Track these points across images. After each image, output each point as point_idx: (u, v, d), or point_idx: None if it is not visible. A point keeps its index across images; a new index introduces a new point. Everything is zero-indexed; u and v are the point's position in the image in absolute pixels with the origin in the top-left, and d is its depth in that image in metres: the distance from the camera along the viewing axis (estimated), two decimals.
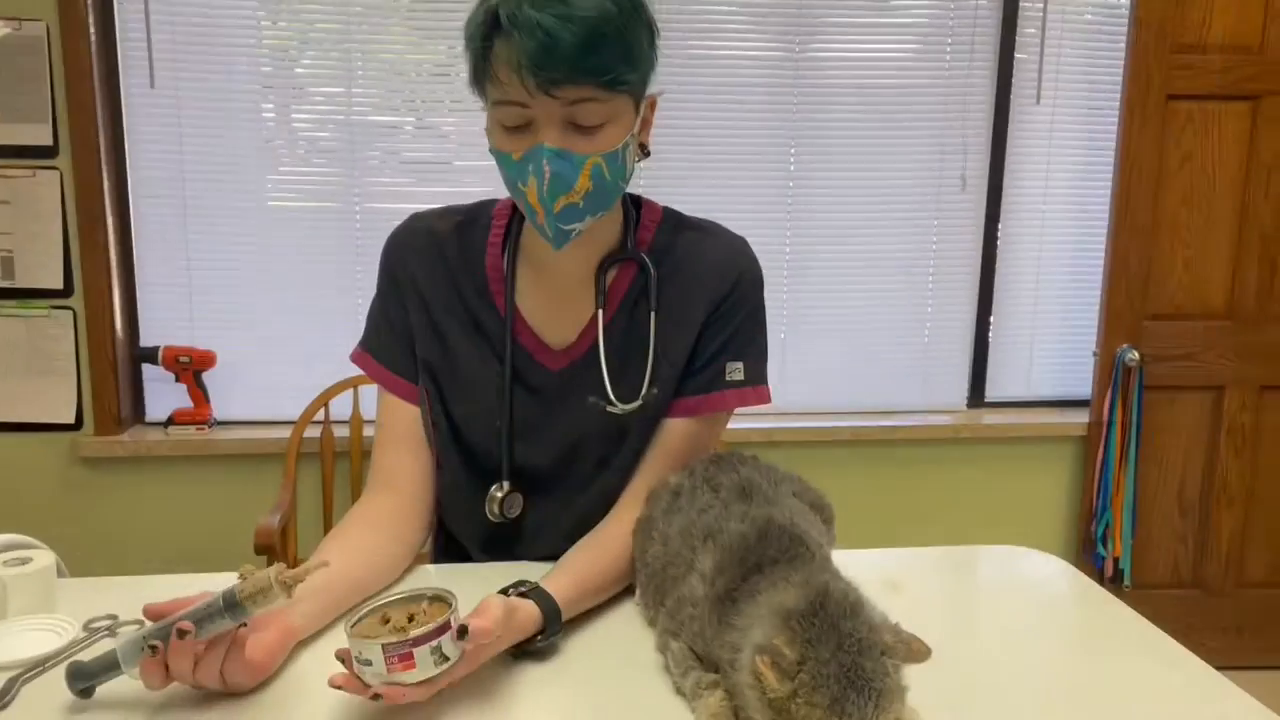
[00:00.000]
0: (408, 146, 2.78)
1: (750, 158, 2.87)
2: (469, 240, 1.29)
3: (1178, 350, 2.92)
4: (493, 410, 1.25)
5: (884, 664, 0.81)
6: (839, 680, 0.80)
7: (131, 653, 0.90)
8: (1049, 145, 2.98)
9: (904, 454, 3.01)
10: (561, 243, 1.15)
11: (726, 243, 1.28)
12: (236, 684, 0.93)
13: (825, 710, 0.79)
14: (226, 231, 2.77)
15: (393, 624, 0.91)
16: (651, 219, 1.28)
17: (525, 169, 1.09)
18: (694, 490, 1.09)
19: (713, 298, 1.24)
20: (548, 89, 1.04)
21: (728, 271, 1.24)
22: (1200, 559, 3.03)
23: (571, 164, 1.09)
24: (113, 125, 2.68)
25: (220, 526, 2.83)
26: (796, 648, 0.81)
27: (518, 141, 1.10)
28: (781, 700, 0.81)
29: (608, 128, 1.10)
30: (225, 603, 0.88)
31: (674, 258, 1.25)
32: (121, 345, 2.75)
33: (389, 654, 0.86)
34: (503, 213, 1.29)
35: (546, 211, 1.11)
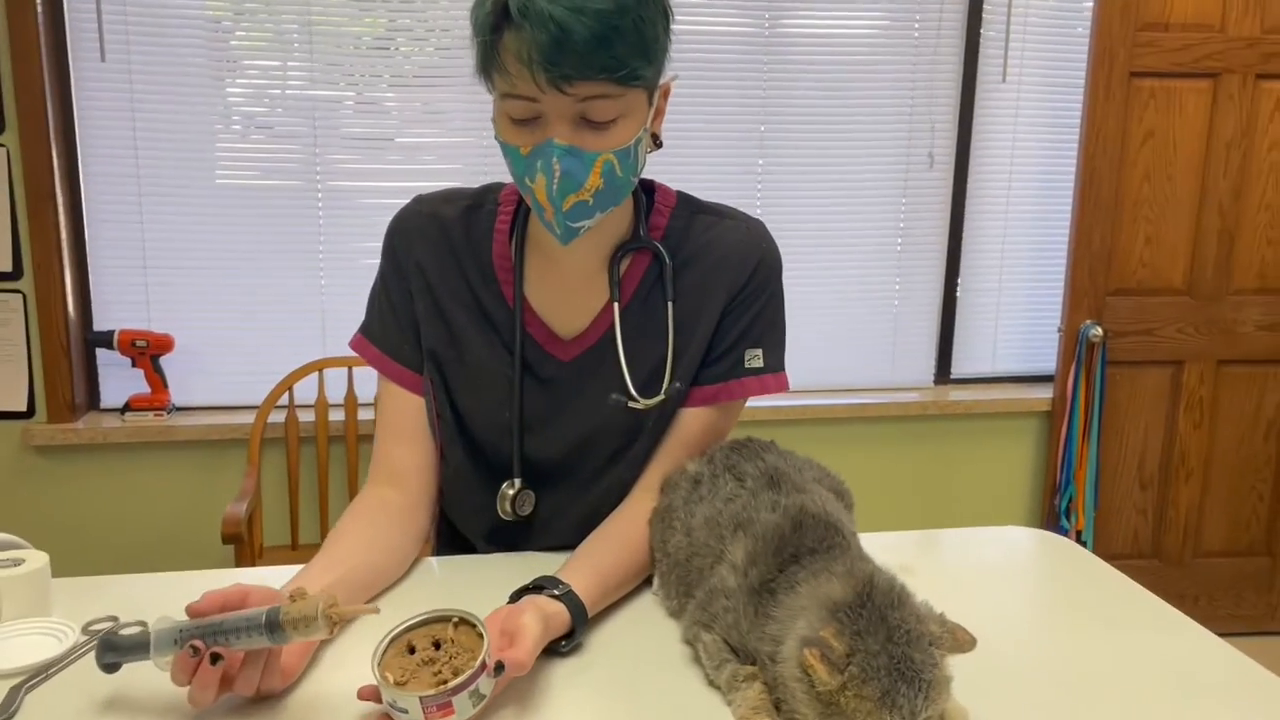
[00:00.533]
0: (352, 122, 2.71)
1: (719, 135, 2.84)
2: (475, 226, 1.23)
3: (1139, 326, 2.97)
4: (501, 402, 1.21)
5: (932, 654, 0.80)
6: (889, 672, 0.79)
7: (163, 642, 0.87)
8: (1015, 123, 3.00)
9: (872, 431, 3.03)
10: (569, 239, 1.11)
11: (745, 227, 1.24)
12: (269, 690, 0.90)
13: (876, 703, 0.78)
14: (182, 211, 2.68)
15: (420, 654, 0.88)
16: (665, 204, 1.24)
17: (534, 164, 1.05)
18: (715, 478, 1.07)
19: (732, 284, 1.20)
20: (559, 85, 0.99)
21: (748, 256, 1.21)
22: (1159, 530, 3.10)
23: (582, 162, 1.04)
24: (62, 101, 2.57)
25: (181, 515, 2.76)
26: (845, 640, 0.80)
27: (526, 135, 1.05)
28: (830, 693, 0.80)
29: (620, 123, 1.05)
30: (268, 623, 0.84)
31: (690, 244, 1.22)
32: (75, 329, 2.66)
33: (427, 705, 0.84)
34: (509, 198, 1.24)
35: (555, 209, 1.06)
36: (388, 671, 0.87)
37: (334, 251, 2.76)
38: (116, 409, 2.73)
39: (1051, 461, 3.04)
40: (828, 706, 0.81)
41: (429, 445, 1.26)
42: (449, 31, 2.69)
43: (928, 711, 0.79)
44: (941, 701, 0.80)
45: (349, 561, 1.07)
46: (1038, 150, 3.03)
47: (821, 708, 0.81)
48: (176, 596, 1.13)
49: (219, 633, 0.85)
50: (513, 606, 0.98)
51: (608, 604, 1.11)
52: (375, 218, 2.75)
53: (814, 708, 0.82)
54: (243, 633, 0.85)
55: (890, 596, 0.83)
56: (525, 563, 1.23)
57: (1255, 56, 2.83)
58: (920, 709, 0.78)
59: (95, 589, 1.14)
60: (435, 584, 1.20)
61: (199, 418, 2.73)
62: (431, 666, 0.87)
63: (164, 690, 0.93)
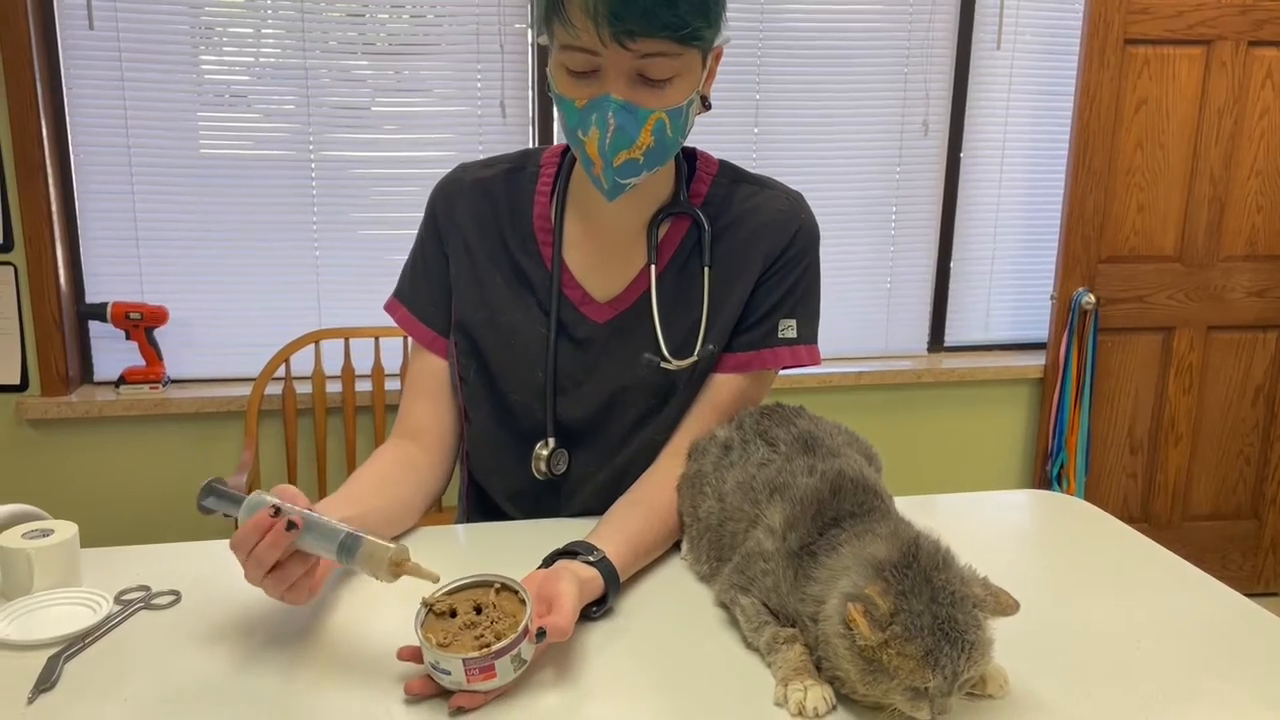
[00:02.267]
0: (342, 93, 2.68)
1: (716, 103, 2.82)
2: (516, 188, 1.25)
3: (1130, 293, 2.99)
4: (534, 362, 1.22)
5: (975, 616, 0.81)
6: (932, 632, 0.80)
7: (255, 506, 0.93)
8: (1009, 91, 3.00)
9: (868, 399, 3.05)
10: (616, 195, 1.13)
11: (785, 196, 1.25)
12: (293, 599, 0.95)
13: (918, 661, 0.79)
14: (174, 182, 2.65)
15: (461, 618, 0.89)
16: (707, 171, 1.25)
17: (588, 118, 1.06)
18: (746, 444, 1.08)
19: (770, 252, 1.21)
20: (621, 40, 1.01)
21: (787, 225, 1.22)
22: (1149, 494, 3.15)
23: (636, 118, 1.06)
24: (49, 70, 2.53)
25: (177, 488, 2.74)
26: (890, 599, 0.81)
27: (582, 88, 1.06)
28: (872, 650, 0.81)
29: (676, 82, 1.07)
30: (344, 542, 0.90)
31: (730, 212, 1.23)
32: (67, 302, 2.63)
33: (470, 666, 0.85)
34: (551, 160, 1.26)
35: (605, 164, 1.08)
36: (430, 634, 0.88)
37: (328, 222, 2.73)
38: (110, 382, 2.70)
39: (1044, 427, 3.07)
40: (870, 664, 0.82)
41: (452, 407, 1.29)
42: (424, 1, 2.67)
43: (969, 672, 0.80)
44: (983, 663, 0.82)
45: (365, 503, 1.10)
46: (1031, 118, 3.04)
47: (864, 664, 0.82)
48: (204, 566, 1.14)
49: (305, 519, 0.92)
50: (548, 572, 0.99)
51: (638, 569, 1.12)
52: (370, 188, 2.73)
53: (856, 664, 0.83)
54: (319, 535, 0.91)
55: (935, 558, 0.84)
56: (553, 529, 1.23)
57: (1247, 23, 2.84)
58: (962, 669, 0.80)
59: (121, 559, 1.14)
60: (464, 551, 1.21)
61: (194, 390, 2.71)
62: (473, 630, 0.88)
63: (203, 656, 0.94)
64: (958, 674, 0.79)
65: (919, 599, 0.81)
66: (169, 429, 2.70)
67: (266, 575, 0.92)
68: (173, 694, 0.89)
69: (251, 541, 0.90)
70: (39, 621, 0.98)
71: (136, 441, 2.70)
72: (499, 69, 2.71)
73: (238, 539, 0.91)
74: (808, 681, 0.86)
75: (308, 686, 0.90)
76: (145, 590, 1.06)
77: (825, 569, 0.89)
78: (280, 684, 0.91)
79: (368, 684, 0.91)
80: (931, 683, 0.79)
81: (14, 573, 1.03)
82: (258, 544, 0.90)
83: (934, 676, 0.79)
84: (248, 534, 0.90)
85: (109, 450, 2.69)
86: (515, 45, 2.70)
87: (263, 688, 0.90)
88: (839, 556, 0.88)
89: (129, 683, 0.90)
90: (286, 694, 0.89)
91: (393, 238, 2.76)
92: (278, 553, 0.90)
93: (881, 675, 0.82)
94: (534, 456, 1.24)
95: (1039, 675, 0.93)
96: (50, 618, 0.99)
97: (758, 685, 0.91)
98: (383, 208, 2.75)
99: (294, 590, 0.94)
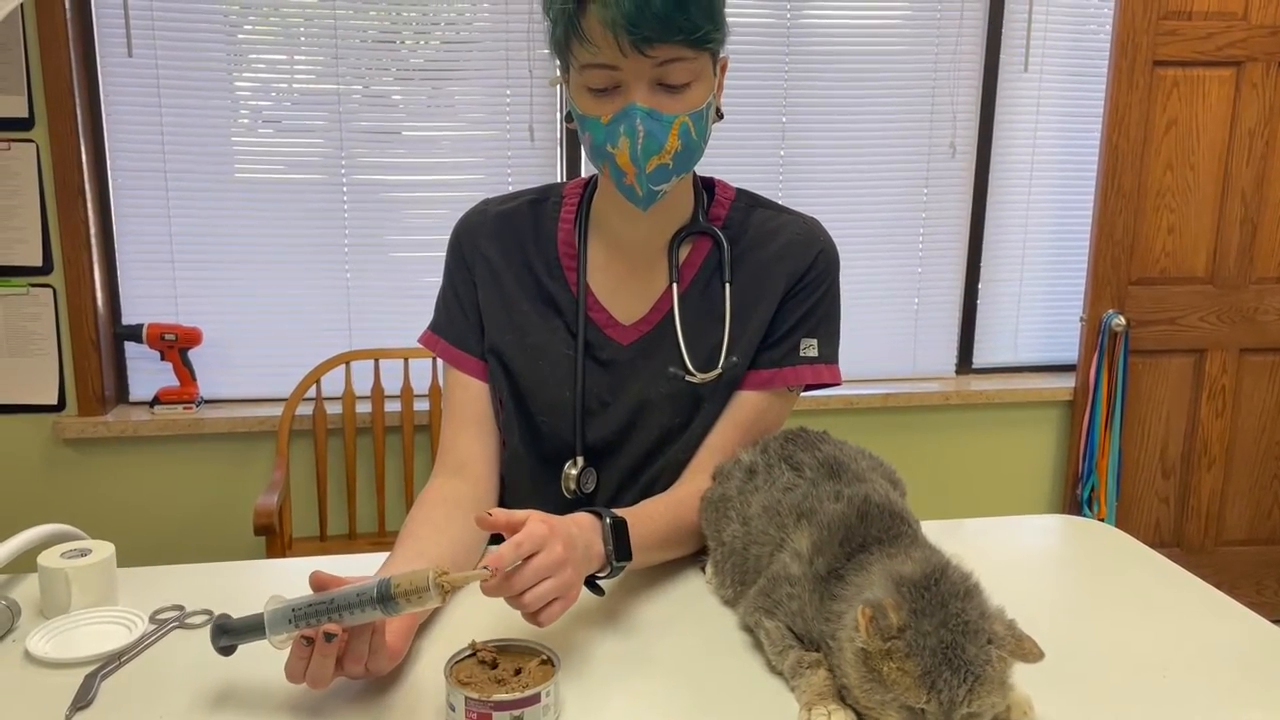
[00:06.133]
0: (372, 116, 2.72)
1: (741, 126, 2.85)
2: (540, 216, 1.29)
3: (1161, 315, 2.97)
4: (562, 384, 1.24)
5: (988, 652, 0.80)
6: (934, 654, 0.79)
7: (278, 623, 0.88)
8: (1037, 112, 3.00)
9: (895, 421, 3.04)
10: (650, 203, 1.15)
11: (804, 220, 1.29)
12: (377, 669, 0.92)
13: (915, 680, 0.79)
14: (209, 205, 2.69)
15: (497, 672, 0.90)
16: (725, 196, 1.29)
17: (616, 131, 1.10)
18: (770, 468, 1.08)
19: (793, 273, 1.24)
20: (641, 48, 1.05)
21: (809, 246, 1.25)
22: (1181, 519, 3.11)
23: (662, 124, 1.10)
24: (90, 96, 2.59)
25: (210, 507, 2.78)
26: (901, 615, 0.81)
27: (605, 104, 1.10)
28: (875, 658, 0.81)
29: (694, 86, 1.11)
30: (379, 594, 0.86)
31: (749, 235, 1.26)
32: (104, 323, 2.67)
33: (470, 708, 0.85)
34: (574, 191, 1.30)
35: (639, 171, 1.11)
36: (461, 670, 0.89)
37: (359, 245, 2.77)
38: (145, 402, 2.75)
39: (1073, 451, 3.05)
40: (870, 671, 0.82)
41: (494, 434, 1.29)
42: (454, 25, 2.70)
43: (971, 706, 0.79)
44: (989, 699, 0.80)
45: (428, 553, 1.08)
46: (1059, 140, 3.03)
47: (865, 671, 0.82)
48: (237, 586, 1.16)
49: (331, 609, 0.86)
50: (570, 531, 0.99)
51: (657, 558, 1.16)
52: (401, 210, 2.77)
53: (857, 669, 0.83)
54: (355, 607, 0.86)
55: (959, 587, 0.84)
56: None
57: (1278, 44, 2.83)
58: (960, 699, 0.79)
59: (157, 579, 1.16)
60: None
61: (227, 410, 2.75)
62: (502, 686, 0.88)
63: (237, 674, 0.96)
64: (955, 702, 0.79)
65: (929, 620, 0.81)
66: (203, 448, 2.74)
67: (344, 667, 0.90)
68: (207, 711, 0.90)
69: (302, 670, 0.88)
70: (76, 640, 1.00)
71: (171, 461, 2.73)
72: (528, 93, 2.74)
73: (290, 674, 0.89)
74: (831, 706, 0.87)
75: (347, 701, 0.92)
76: (179, 610, 1.08)
77: (852, 587, 0.89)
78: (316, 702, 0.92)
79: (407, 700, 0.92)
80: (927, 705, 0.79)
81: (53, 592, 1.05)
82: (308, 669, 0.88)
83: (929, 699, 0.79)
84: (295, 667, 0.88)
85: (144, 469, 2.73)
86: (544, 70, 2.73)
87: (299, 706, 0.91)
88: (867, 575, 0.88)
89: (163, 701, 0.92)
90: (325, 709, 0.91)
91: (422, 259, 2.79)
92: (331, 661, 0.88)
93: (879, 686, 0.82)
94: (564, 476, 1.26)
95: (1065, 703, 0.92)
96: (87, 636, 1.01)
97: (781, 709, 0.91)
98: (413, 230, 2.79)
99: (375, 660, 0.91)
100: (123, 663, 0.97)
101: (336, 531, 2.80)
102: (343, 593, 0.87)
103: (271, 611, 0.89)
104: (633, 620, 1.09)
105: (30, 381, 2.64)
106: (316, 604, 0.87)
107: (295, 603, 0.89)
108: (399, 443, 2.77)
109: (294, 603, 0.89)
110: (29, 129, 2.51)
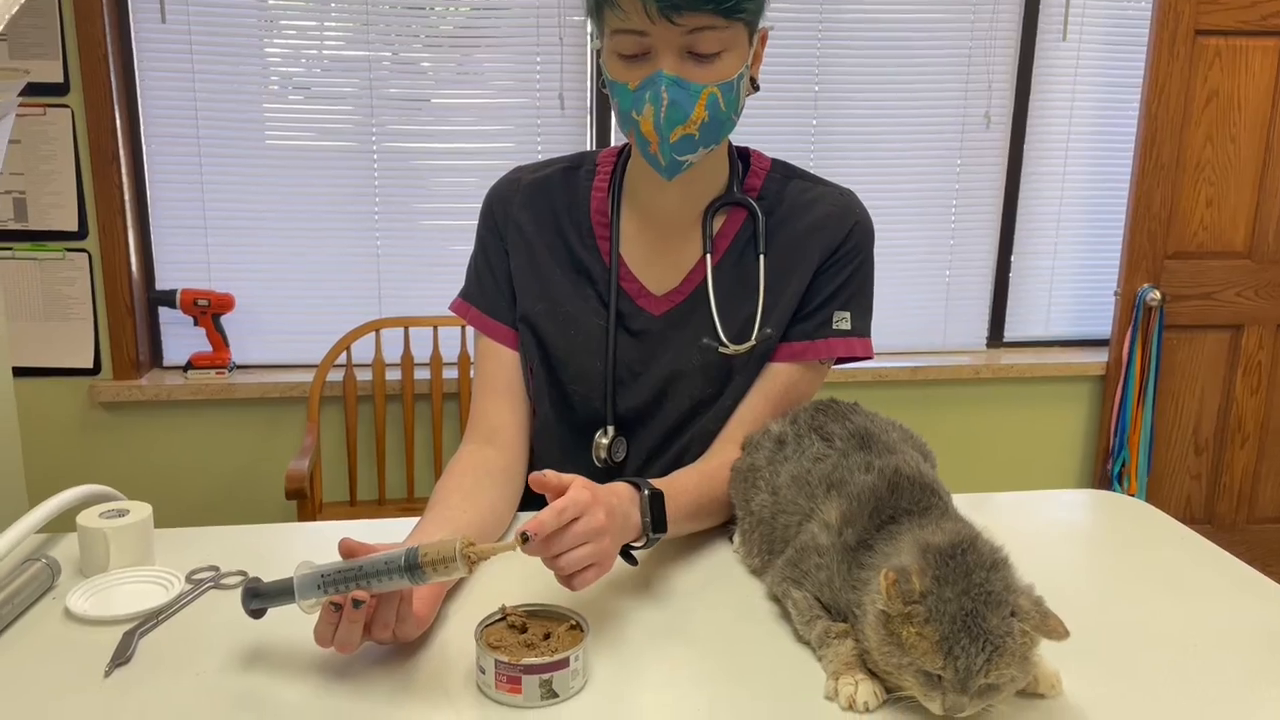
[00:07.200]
0: (403, 84, 2.72)
1: (773, 95, 2.83)
2: (573, 185, 1.28)
3: (1197, 289, 2.93)
4: (593, 352, 1.24)
5: (1010, 624, 0.80)
6: (954, 622, 0.79)
7: (308, 588, 0.89)
8: (1074, 82, 2.95)
9: (925, 395, 3.02)
10: (674, 173, 1.15)
11: (840, 192, 1.28)
12: (404, 636, 0.93)
13: (933, 645, 0.79)
14: (241, 171, 2.71)
15: (527, 636, 0.91)
16: (761, 166, 1.28)
17: (642, 97, 1.09)
18: (800, 438, 1.08)
19: (827, 245, 1.23)
20: (669, 15, 1.04)
21: (844, 218, 1.24)
22: (1213, 496, 3.09)
23: (689, 93, 1.08)
24: (123, 62, 2.60)
25: (242, 471, 2.81)
26: (924, 580, 0.81)
27: (634, 70, 1.10)
28: (895, 622, 0.82)
29: (724, 57, 1.09)
30: (406, 563, 0.86)
31: (785, 206, 1.25)
32: (138, 288, 2.70)
33: (500, 671, 0.86)
34: (607, 159, 1.30)
35: (661, 140, 1.10)
36: (490, 635, 0.91)
37: (389, 213, 2.78)
38: (179, 367, 2.78)
39: (1105, 426, 3.02)
40: (891, 636, 0.82)
41: (524, 402, 1.29)
42: None
43: (988, 677, 0.79)
44: (1008, 673, 0.80)
45: (457, 520, 1.09)
46: (1097, 110, 2.98)
47: (884, 633, 0.83)
48: (270, 548, 1.17)
49: (359, 576, 0.87)
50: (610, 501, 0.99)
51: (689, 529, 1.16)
52: (431, 179, 2.77)
53: (877, 631, 0.83)
54: (382, 574, 0.87)
55: (986, 559, 0.83)
56: None
57: None
58: (977, 668, 0.79)
59: (193, 540, 1.18)
60: None
61: (259, 376, 2.78)
62: (532, 650, 0.89)
63: (271, 633, 0.97)
64: (972, 671, 0.79)
65: (951, 588, 0.81)
66: (235, 413, 2.77)
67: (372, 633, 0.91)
68: (242, 669, 0.92)
69: (330, 634, 0.89)
70: (115, 598, 1.02)
71: (204, 425, 2.77)
72: (558, 61, 2.73)
73: (318, 639, 0.89)
74: (859, 676, 0.87)
75: (375, 663, 0.93)
76: (215, 570, 1.10)
77: (880, 555, 0.89)
78: (346, 662, 0.93)
79: (436, 662, 0.93)
80: (943, 672, 0.79)
81: (92, 551, 1.07)
82: (336, 633, 0.89)
83: (946, 666, 0.79)
84: (324, 632, 0.89)
85: (177, 433, 2.76)
86: (574, 38, 2.72)
87: (329, 665, 0.93)
88: (896, 545, 0.88)
89: (200, 658, 0.93)
90: (354, 666, 0.92)
91: (452, 228, 2.80)
92: (359, 627, 0.88)
93: (897, 649, 0.82)
94: (594, 445, 1.26)
95: (1094, 678, 0.92)
96: (125, 595, 1.03)
97: (808, 679, 0.92)
98: (443, 198, 2.79)
99: (402, 627, 0.92)
100: (160, 621, 0.99)
101: (366, 497, 2.83)
102: (371, 560, 0.88)
103: (301, 577, 0.90)
104: (660, 588, 1.09)
105: (66, 345, 2.67)
106: (345, 570, 0.88)
107: (324, 569, 0.89)
108: (428, 410, 2.79)
109: (323, 569, 0.90)
110: (64, 94, 2.53)
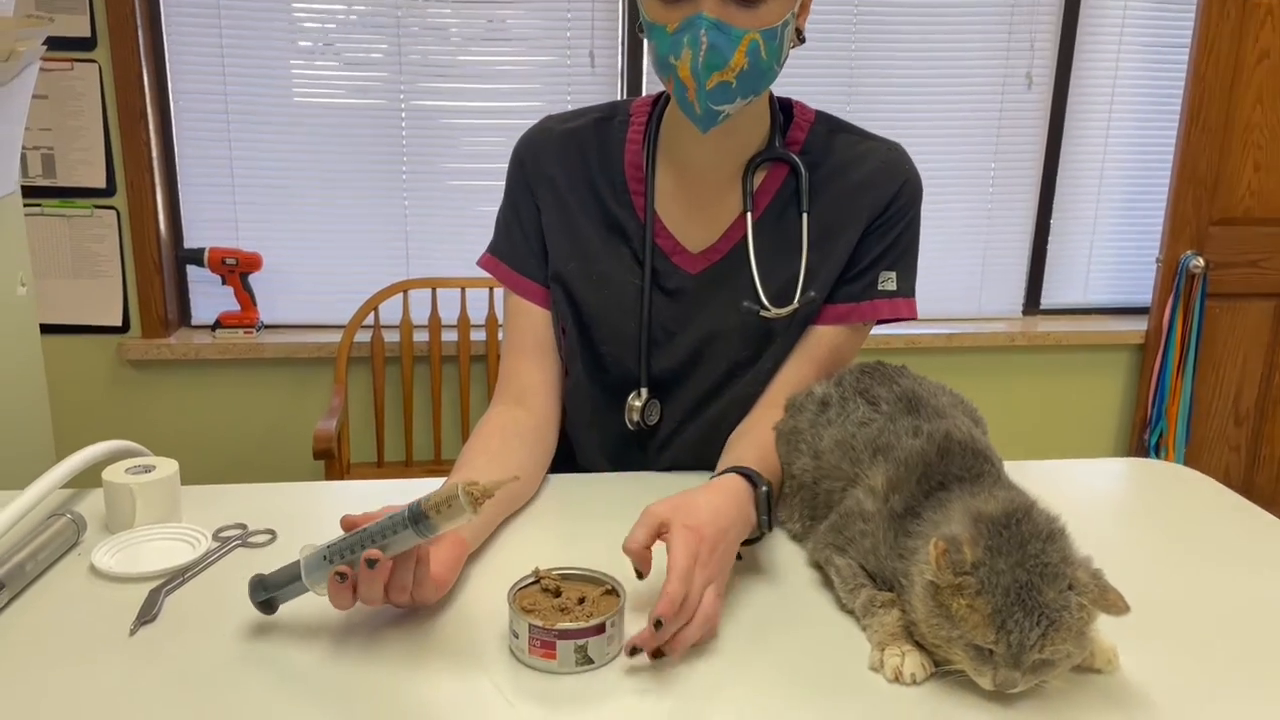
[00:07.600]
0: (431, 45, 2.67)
1: (809, 53, 2.76)
2: (606, 137, 1.23)
3: (1242, 257, 2.86)
4: (627, 312, 1.20)
5: (1067, 598, 0.77)
6: (1007, 594, 0.76)
7: (314, 567, 0.86)
8: (1120, 42, 2.87)
9: (959, 362, 2.97)
10: (709, 124, 1.09)
11: (888, 147, 1.22)
12: (423, 599, 0.90)
13: (985, 618, 0.76)
14: (269, 130, 2.68)
15: (561, 600, 0.88)
16: (804, 119, 1.22)
17: (680, 40, 1.04)
18: (845, 401, 1.04)
19: (875, 205, 1.18)
20: None
21: (894, 176, 1.19)
22: (1252, 468, 3.03)
23: (729, 38, 1.03)
24: (151, 17, 2.57)
25: (269, 429, 2.81)
26: (977, 550, 0.78)
27: (673, 11, 1.04)
28: (944, 593, 0.78)
29: (769, 3, 1.04)
30: (411, 516, 0.83)
31: (830, 161, 1.19)
32: (166, 246, 2.69)
33: (534, 635, 0.83)
34: (641, 109, 1.23)
35: (698, 86, 1.05)
36: (523, 598, 0.88)
37: (417, 172, 2.74)
38: (207, 326, 2.77)
39: (1143, 395, 2.96)
40: (940, 607, 0.79)
41: (555, 362, 1.25)
42: None
43: (1043, 653, 0.76)
44: (1064, 648, 0.77)
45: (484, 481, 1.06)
46: (1143, 71, 2.90)
47: (933, 605, 0.80)
48: (299, 506, 1.15)
49: (365, 540, 0.84)
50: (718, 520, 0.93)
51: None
52: (459, 138, 2.73)
53: (925, 603, 0.80)
54: (388, 532, 0.84)
55: (1042, 529, 0.80)
56: (645, 484, 1.22)
57: None
58: (1031, 642, 0.75)
59: (219, 497, 1.16)
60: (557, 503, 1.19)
61: (287, 336, 2.76)
62: (566, 615, 0.86)
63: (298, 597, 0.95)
64: (1025, 645, 0.75)
65: (1005, 559, 0.77)
66: (262, 372, 2.76)
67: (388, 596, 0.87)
68: (268, 629, 0.90)
69: (345, 600, 0.86)
70: (141, 555, 1.00)
71: (231, 384, 2.76)
72: (589, 19, 2.68)
73: (335, 604, 0.86)
74: (905, 647, 0.84)
75: (405, 625, 0.91)
76: (242, 528, 1.08)
77: (929, 523, 0.85)
78: (378, 623, 0.91)
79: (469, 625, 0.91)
80: (995, 645, 0.76)
81: (118, 507, 1.05)
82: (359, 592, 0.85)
83: (998, 640, 0.76)
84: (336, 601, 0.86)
85: (205, 391, 2.76)
86: None
87: (359, 625, 0.90)
88: (946, 513, 0.85)
89: (227, 616, 0.91)
90: (382, 629, 0.90)
91: (480, 188, 2.76)
92: (379, 587, 0.85)
93: (946, 622, 0.79)
94: (627, 407, 1.22)
95: (1151, 652, 0.89)
96: (151, 551, 1.01)
97: (852, 649, 0.89)
98: (471, 158, 2.75)
99: (420, 590, 0.88)
100: (186, 579, 0.97)
101: (393, 458, 2.82)
102: (375, 524, 0.85)
103: (307, 558, 0.87)
104: None
105: (95, 303, 2.66)
106: (350, 539, 0.85)
107: (329, 545, 0.86)
108: (455, 372, 2.76)
109: (328, 545, 0.87)
110: (91, 49, 2.50)
